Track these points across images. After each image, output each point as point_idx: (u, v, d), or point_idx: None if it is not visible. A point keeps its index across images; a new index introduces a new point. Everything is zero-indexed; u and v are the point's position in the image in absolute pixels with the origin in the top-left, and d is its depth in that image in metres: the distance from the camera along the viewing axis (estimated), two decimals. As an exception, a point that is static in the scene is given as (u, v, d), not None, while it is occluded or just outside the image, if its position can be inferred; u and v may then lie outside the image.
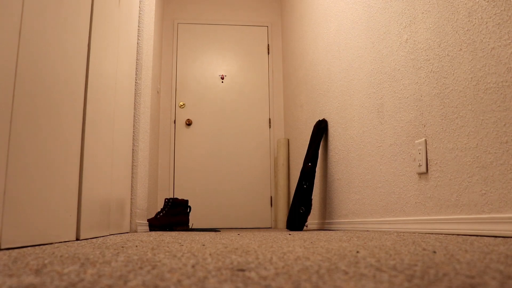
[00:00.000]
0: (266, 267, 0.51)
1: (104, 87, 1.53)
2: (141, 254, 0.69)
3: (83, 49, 1.30)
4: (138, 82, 2.24)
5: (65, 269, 0.48)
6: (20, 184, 0.88)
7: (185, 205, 2.77)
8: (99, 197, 1.48)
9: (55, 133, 1.08)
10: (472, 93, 1.30)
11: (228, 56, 4.15)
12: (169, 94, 3.99)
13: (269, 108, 4.08)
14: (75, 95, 1.24)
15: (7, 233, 0.80)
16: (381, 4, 1.93)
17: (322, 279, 0.41)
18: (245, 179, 3.91)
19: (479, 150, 1.26)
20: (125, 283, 0.38)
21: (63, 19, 1.14)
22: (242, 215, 3.84)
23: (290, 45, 3.83)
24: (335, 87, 2.54)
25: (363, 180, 2.10)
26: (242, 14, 4.24)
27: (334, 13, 2.60)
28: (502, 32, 1.17)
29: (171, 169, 3.86)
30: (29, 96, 0.92)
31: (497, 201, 1.18)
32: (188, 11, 4.19)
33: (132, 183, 2.10)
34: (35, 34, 0.95)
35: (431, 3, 1.54)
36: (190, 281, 0.40)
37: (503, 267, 0.48)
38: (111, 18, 1.64)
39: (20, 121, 0.88)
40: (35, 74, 0.96)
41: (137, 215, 2.12)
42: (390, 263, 0.55)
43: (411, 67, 1.66)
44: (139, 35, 2.30)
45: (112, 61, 1.66)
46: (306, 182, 2.52)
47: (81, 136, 1.28)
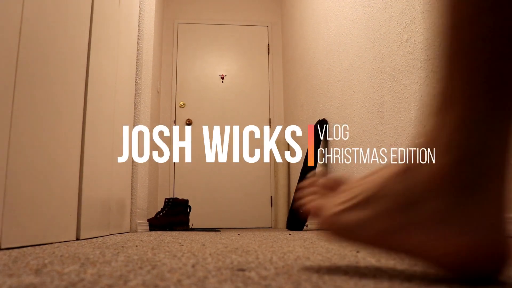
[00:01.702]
0: (266, 267, 0.51)
1: (104, 87, 1.53)
2: (141, 254, 0.69)
3: (83, 49, 1.30)
4: (138, 82, 2.24)
5: (65, 269, 0.48)
6: (20, 183, 0.88)
7: (185, 205, 2.77)
8: (99, 197, 1.48)
9: (55, 133, 1.08)
10: (472, 93, 1.30)
11: (228, 56, 4.15)
12: (169, 94, 3.99)
13: (269, 107, 4.08)
14: (75, 94, 1.24)
15: (7, 233, 0.80)
16: (381, 4, 1.93)
17: (322, 279, 0.41)
18: (245, 179, 3.91)
19: (479, 150, 1.26)
20: (125, 283, 0.38)
21: (63, 19, 1.14)
22: (242, 215, 3.84)
23: (290, 45, 3.83)
24: (335, 87, 2.54)
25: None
26: (242, 14, 4.24)
27: (334, 13, 2.59)
28: (502, 32, 1.17)
29: (171, 169, 3.86)
30: (29, 96, 0.92)
31: (497, 201, 1.18)
32: (188, 11, 4.19)
33: (132, 183, 2.10)
34: (35, 34, 0.95)
35: (431, 3, 1.54)
36: (190, 281, 0.40)
37: (503, 267, 0.48)
38: (111, 18, 1.64)
39: (20, 121, 0.88)
40: (35, 74, 0.96)
41: (137, 215, 2.12)
42: (390, 263, 0.55)
43: (412, 67, 1.66)
44: (139, 35, 2.30)
45: (112, 61, 1.66)
46: (306, 182, 2.52)
47: (81, 135, 1.28)
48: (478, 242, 0.35)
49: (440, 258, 0.36)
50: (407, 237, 0.38)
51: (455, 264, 0.35)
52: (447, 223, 0.36)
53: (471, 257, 0.34)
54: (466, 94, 0.36)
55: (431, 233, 0.36)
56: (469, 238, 0.35)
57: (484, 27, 0.35)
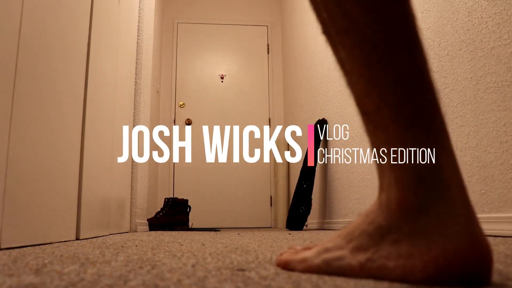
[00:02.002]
0: (266, 267, 0.51)
1: (104, 86, 1.53)
2: (141, 254, 0.69)
3: (83, 49, 1.30)
4: (138, 81, 2.24)
5: (65, 269, 0.48)
6: (20, 183, 0.88)
7: (185, 205, 2.77)
8: (99, 197, 1.48)
9: (55, 133, 1.08)
10: (471, 92, 1.30)
11: (228, 56, 4.15)
12: (169, 94, 3.99)
13: (269, 107, 4.08)
14: (75, 94, 1.24)
15: (7, 233, 0.80)
16: (381, 4, 1.93)
17: (322, 279, 0.41)
18: (245, 178, 3.91)
19: (478, 150, 1.26)
20: (125, 283, 0.38)
21: (63, 19, 1.14)
22: (242, 215, 3.84)
23: (290, 44, 3.82)
24: (335, 87, 2.54)
25: (363, 180, 2.10)
26: (242, 14, 4.24)
27: (334, 13, 2.59)
28: (502, 31, 1.17)
29: (171, 169, 3.86)
30: (29, 97, 0.92)
31: (496, 201, 1.18)
32: (188, 10, 4.19)
33: (132, 183, 2.10)
34: (34, 34, 0.95)
35: (431, 3, 1.53)
36: (190, 281, 0.40)
37: (503, 267, 0.48)
38: (111, 17, 1.64)
39: (20, 121, 0.87)
40: (35, 74, 0.96)
41: (137, 215, 2.12)
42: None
43: (411, 66, 1.65)
44: (139, 34, 2.30)
45: (112, 60, 1.66)
46: (306, 182, 2.52)
47: (81, 135, 1.28)
48: (452, 247, 0.35)
49: (421, 273, 0.36)
50: (385, 263, 0.39)
51: (439, 274, 0.36)
52: (418, 241, 0.37)
53: (449, 262, 0.35)
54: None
55: (406, 254, 0.37)
56: (441, 247, 0.35)
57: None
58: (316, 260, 0.45)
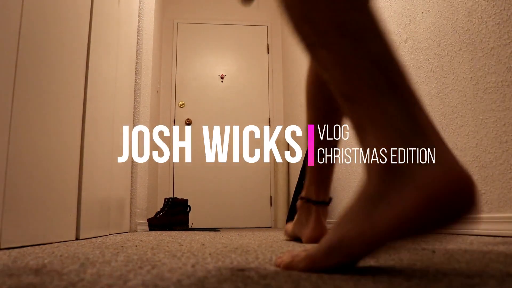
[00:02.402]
0: (266, 267, 0.51)
1: (103, 86, 1.53)
2: (140, 254, 0.69)
3: (82, 49, 1.30)
4: (138, 81, 2.24)
5: (65, 269, 0.48)
6: (20, 183, 0.88)
7: (184, 205, 2.77)
8: (99, 197, 1.48)
9: (54, 133, 1.08)
10: (471, 92, 1.30)
11: (227, 56, 4.15)
12: (168, 94, 3.99)
13: (269, 107, 4.08)
14: (75, 94, 1.24)
15: (7, 233, 0.80)
16: (381, 4, 1.93)
17: (322, 278, 0.41)
18: (245, 178, 3.91)
19: (478, 150, 1.26)
20: (125, 283, 0.38)
21: (63, 19, 1.14)
22: (241, 215, 3.84)
23: (290, 44, 3.82)
24: (334, 87, 2.54)
25: (363, 180, 2.10)
26: (241, 14, 4.24)
27: (333, 13, 2.59)
28: (502, 31, 1.17)
29: (171, 169, 3.86)
30: (29, 97, 0.92)
31: (496, 201, 1.18)
32: (188, 10, 4.19)
33: (132, 183, 2.10)
34: (34, 34, 0.95)
35: (431, 3, 1.53)
36: (190, 281, 0.40)
37: (502, 267, 0.48)
38: (110, 17, 1.64)
39: (19, 121, 0.87)
40: (34, 74, 0.96)
41: (136, 215, 2.12)
42: (389, 263, 0.55)
43: (411, 66, 1.66)
44: (138, 34, 2.30)
45: (112, 60, 1.66)
46: (306, 182, 2.51)
47: (81, 135, 1.28)
48: (438, 179, 0.38)
49: (413, 209, 0.38)
50: (386, 215, 0.40)
51: (430, 205, 0.38)
52: (406, 186, 0.39)
53: (439, 191, 0.38)
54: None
55: (398, 202, 0.40)
56: (429, 181, 0.38)
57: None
58: (319, 252, 0.46)
